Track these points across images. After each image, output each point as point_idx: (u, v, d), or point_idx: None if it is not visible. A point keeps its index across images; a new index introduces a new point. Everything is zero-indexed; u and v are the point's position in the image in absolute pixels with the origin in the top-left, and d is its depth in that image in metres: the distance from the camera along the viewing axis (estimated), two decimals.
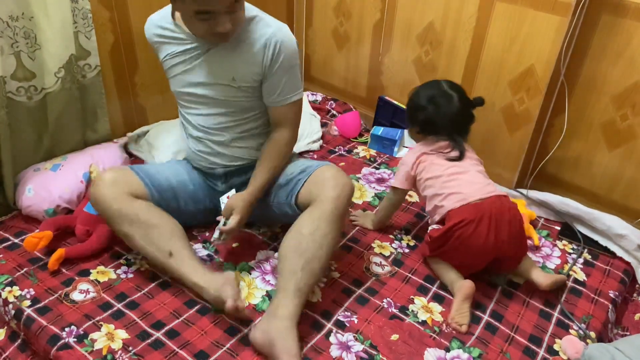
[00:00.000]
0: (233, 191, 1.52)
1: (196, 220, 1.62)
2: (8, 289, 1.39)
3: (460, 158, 1.51)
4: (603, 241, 1.69)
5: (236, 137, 1.53)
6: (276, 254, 1.57)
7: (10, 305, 1.35)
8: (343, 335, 1.34)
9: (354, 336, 1.34)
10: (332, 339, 1.33)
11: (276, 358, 1.19)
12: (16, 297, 1.37)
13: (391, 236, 1.70)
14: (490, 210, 1.40)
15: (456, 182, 1.47)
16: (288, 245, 1.34)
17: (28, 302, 1.35)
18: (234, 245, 1.60)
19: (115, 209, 1.39)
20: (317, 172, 1.43)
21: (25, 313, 1.33)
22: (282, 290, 1.29)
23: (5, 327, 1.40)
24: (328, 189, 1.36)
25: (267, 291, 1.45)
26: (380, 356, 1.30)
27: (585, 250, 1.69)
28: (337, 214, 1.34)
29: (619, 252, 1.66)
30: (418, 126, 1.59)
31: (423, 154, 1.54)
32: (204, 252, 1.58)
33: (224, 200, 1.50)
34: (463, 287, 1.40)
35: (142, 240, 1.39)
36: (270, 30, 1.41)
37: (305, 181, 1.44)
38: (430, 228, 1.52)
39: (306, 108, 2.34)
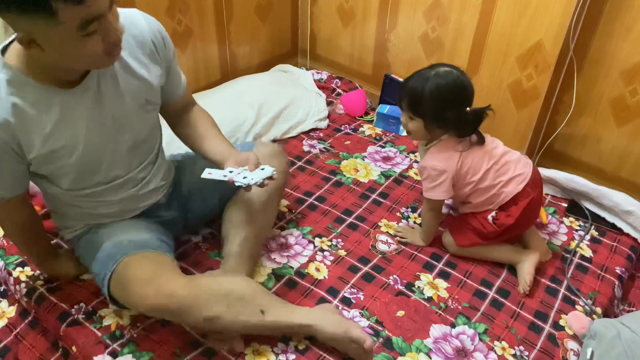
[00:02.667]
0: (207, 170, 1.25)
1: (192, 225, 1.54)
2: (19, 269, 1.41)
3: (482, 141, 1.43)
4: (610, 218, 1.68)
5: (150, 163, 1.30)
6: (282, 232, 1.58)
7: (23, 284, 1.37)
8: (349, 311, 1.35)
9: (360, 312, 1.35)
10: None
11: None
12: (29, 277, 1.39)
13: (398, 214, 1.70)
14: (536, 180, 1.45)
15: (509, 164, 1.42)
16: (240, 214, 1.38)
17: (41, 282, 1.37)
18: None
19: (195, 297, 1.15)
20: (260, 148, 1.47)
21: (38, 291, 1.35)
22: (238, 256, 1.35)
23: (16, 305, 1.42)
24: (280, 161, 1.45)
25: (272, 269, 1.46)
26: (386, 332, 1.31)
27: (593, 227, 1.68)
28: (284, 187, 1.50)
29: (626, 229, 1.65)
30: (445, 126, 1.40)
31: (461, 153, 1.41)
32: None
33: (215, 174, 1.23)
34: (535, 257, 1.45)
35: (228, 315, 1.15)
36: (140, 22, 1.16)
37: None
38: (493, 215, 1.43)
39: (311, 87, 2.32)
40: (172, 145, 1.55)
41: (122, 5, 1.76)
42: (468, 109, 1.35)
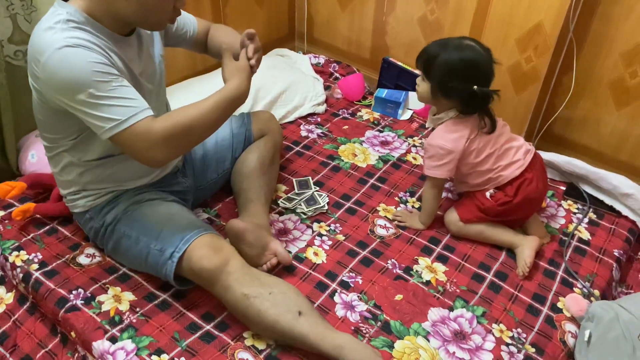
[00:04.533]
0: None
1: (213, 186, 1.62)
2: (15, 253, 1.40)
3: (493, 130, 1.43)
4: (609, 200, 1.68)
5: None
6: (280, 217, 1.58)
7: (19, 269, 1.37)
8: (347, 295, 1.36)
9: (358, 296, 1.35)
10: (336, 298, 1.34)
11: (268, 251, 1.37)
12: (24, 261, 1.38)
13: (396, 199, 1.69)
14: (536, 164, 1.47)
15: (511, 151, 1.44)
16: (254, 167, 1.55)
17: (36, 266, 1.37)
18: (236, 210, 1.59)
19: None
20: (255, 115, 1.66)
21: (34, 276, 1.34)
22: (256, 200, 1.50)
23: (14, 291, 1.42)
24: (275, 124, 1.68)
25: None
26: (385, 316, 1.31)
27: (591, 209, 1.68)
28: (281, 144, 1.71)
29: (625, 211, 1.65)
30: (454, 97, 1.39)
31: (469, 138, 1.41)
32: (204, 216, 1.58)
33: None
34: (535, 241, 1.46)
35: (267, 301, 1.17)
36: None
37: (250, 129, 1.61)
38: (490, 192, 1.46)
39: (309, 71, 2.30)
40: None
41: None
42: (475, 87, 1.34)
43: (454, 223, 1.52)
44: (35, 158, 1.64)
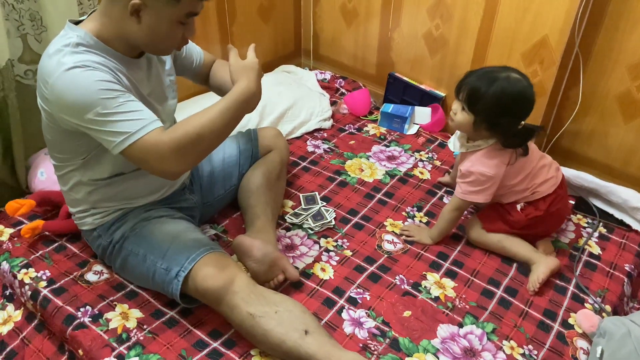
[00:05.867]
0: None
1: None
2: (24, 270, 1.41)
3: (526, 153, 1.42)
4: (618, 214, 1.66)
5: None
6: (287, 233, 1.58)
7: (27, 287, 1.37)
8: (355, 311, 1.35)
9: (366, 312, 1.34)
10: (344, 315, 1.33)
11: (276, 268, 1.36)
12: (32, 279, 1.38)
13: (404, 213, 1.68)
14: (564, 182, 1.51)
15: (544, 169, 1.46)
16: (260, 183, 1.55)
17: (44, 283, 1.37)
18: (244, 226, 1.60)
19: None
20: (261, 132, 1.68)
21: (42, 294, 1.34)
22: (263, 216, 1.49)
23: (22, 308, 1.42)
24: (282, 140, 1.69)
25: None
26: (393, 332, 1.30)
27: (601, 223, 1.66)
28: (288, 160, 1.72)
29: (635, 225, 1.63)
30: (494, 131, 1.38)
31: (508, 164, 1.42)
32: (211, 232, 1.58)
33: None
34: (554, 263, 1.43)
35: (273, 320, 1.16)
36: None
37: (257, 145, 1.63)
38: (521, 205, 1.46)
39: (315, 87, 2.32)
40: None
41: None
42: (523, 123, 1.35)
43: (475, 230, 1.52)
44: (45, 176, 1.65)
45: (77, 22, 1.15)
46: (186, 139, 1.07)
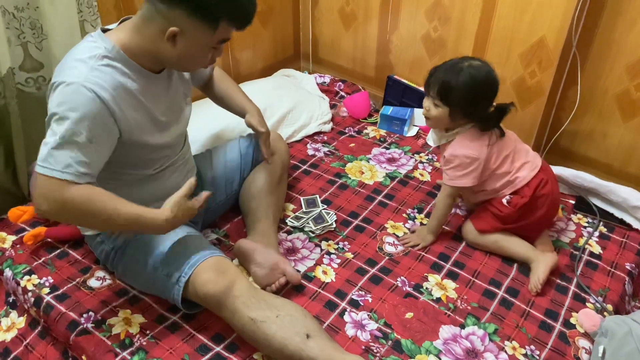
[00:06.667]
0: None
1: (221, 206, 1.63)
2: (27, 277, 1.41)
3: (504, 134, 1.47)
4: (618, 213, 1.67)
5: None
6: (288, 236, 1.58)
7: (30, 293, 1.38)
8: (357, 314, 1.35)
9: (368, 315, 1.35)
10: (346, 317, 1.34)
11: (277, 271, 1.36)
12: (35, 285, 1.39)
13: (404, 215, 1.69)
14: (547, 167, 1.52)
15: (522, 153, 1.48)
16: (262, 187, 1.57)
17: (47, 290, 1.38)
18: (245, 229, 1.60)
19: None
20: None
21: (45, 300, 1.35)
22: (265, 219, 1.51)
23: (26, 315, 1.43)
24: (282, 144, 1.68)
25: None
26: (395, 334, 1.30)
27: (601, 223, 1.67)
28: (289, 164, 1.72)
29: (635, 224, 1.63)
30: (471, 118, 1.43)
31: (489, 144, 1.44)
32: (212, 236, 1.59)
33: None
34: (552, 259, 1.43)
35: (274, 324, 1.16)
36: None
37: (258, 150, 1.60)
38: (507, 198, 1.47)
39: (314, 90, 2.32)
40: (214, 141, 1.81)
41: (126, 13, 1.76)
42: (495, 104, 1.40)
43: (470, 233, 1.53)
44: None
45: (105, 30, 1.18)
46: (79, 209, 1.07)
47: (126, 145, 1.19)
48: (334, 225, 1.63)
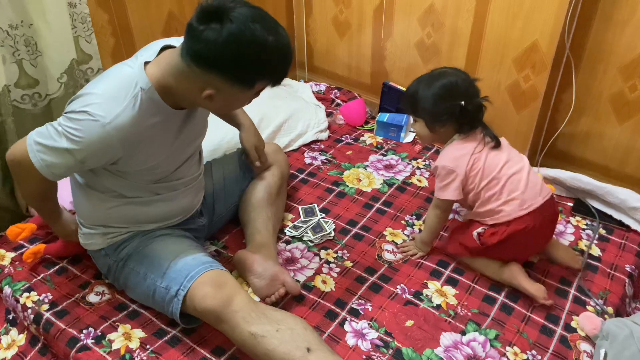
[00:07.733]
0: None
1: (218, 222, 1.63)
2: (26, 294, 1.41)
3: (498, 144, 1.41)
4: (617, 215, 1.67)
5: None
6: (287, 246, 1.58)
7: (29, 310, 1.37)
8: (358, 323, 1.35)
9: (368, 324, 1.34)
10: (346, 327, 1.33)
11: (277, 282, 1.36)
12: (34, 302, 1.39)
13: (402, 222, 1.69)
14: (548, 212, 1.40)
15: (517, 184, 1.36)
16: (261, 198, 1.57)
17: (46, 306, 1.37)
18: (244, 240, 1.60)
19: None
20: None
21: (44, 317, 1.35)
22: (264, 231, 1.51)
23: (25, 332, 1.42)
24: (282, 156, 1.71)
25: None
26: (396, 343, 1.30)
27: (600, 225, 1.67)
28: (288, 175, 1.74)
29: (634, 225, 1.63)
30: (449, 121, 1.38)
31: (473, 154, 1.38)
32: (211, 248, 1.59)
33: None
34: (517, 270, 1.40)
35: (275, 339, 1.15)
36: None
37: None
38: (479, 231, 1.40)
39: (310, 99, 2.33)
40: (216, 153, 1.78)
41: (118, 24, 1.76)
42: (463, 102, 1.35)
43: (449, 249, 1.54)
44: None
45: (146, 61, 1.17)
46: (29, 183, 1.23)
47: (132, 171, 1.22)
48: (333, 234, 1.63)
